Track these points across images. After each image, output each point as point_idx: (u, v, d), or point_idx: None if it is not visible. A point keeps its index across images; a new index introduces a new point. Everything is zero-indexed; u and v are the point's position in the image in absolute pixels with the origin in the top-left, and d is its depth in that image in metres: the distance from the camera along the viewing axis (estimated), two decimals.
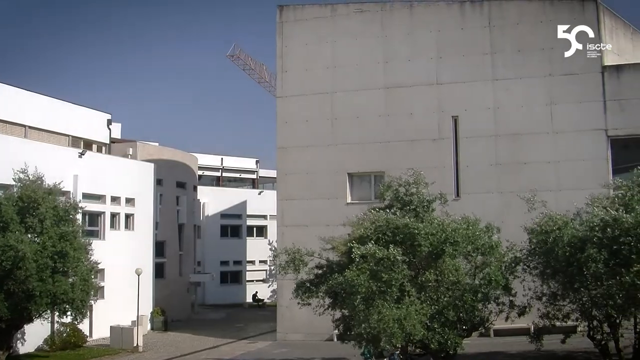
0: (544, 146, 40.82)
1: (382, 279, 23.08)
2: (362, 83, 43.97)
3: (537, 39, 41.87)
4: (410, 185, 27.30)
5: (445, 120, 42.52)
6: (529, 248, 25.92)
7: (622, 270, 21.99)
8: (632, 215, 22.72)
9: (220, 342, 45.35)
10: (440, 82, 42.75)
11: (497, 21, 42.54)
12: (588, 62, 41.05)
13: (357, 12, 44.75)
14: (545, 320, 25.99)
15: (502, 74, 41.93)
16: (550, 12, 42.17)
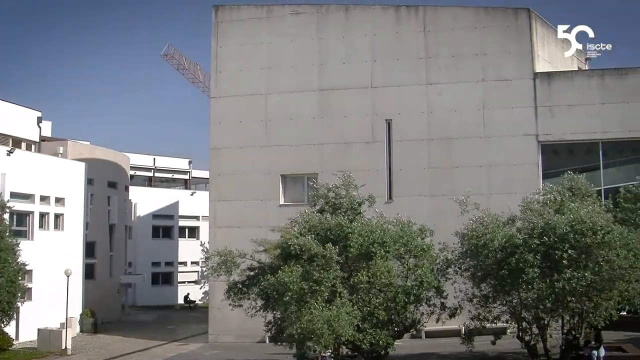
0: (476, 150, 41.36)
1: (313, 277, 23.02)
2: (296, 85, 43.91)
3: (470, 45, 42.44)
4: (339, 189, 27.29)
5: (379, 124, 42.72)
6: (461, 250, 26.15)
7: (553, 274, 22.32)
8: (565, 219, 23.06)
9: (151, 344, 44.81)
10: (374, 85, 42.95)
11: (431, 26, 42.96)
12: (520, 69, 41.76)
13: (293, 14, 44.72)
14: (476, 322, 26.26)
15: (436, 79, 42.34)
16: (484, 18, 42.84)
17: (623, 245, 23.13)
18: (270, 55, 44.64)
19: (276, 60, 44.55)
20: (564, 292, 22.06)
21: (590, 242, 22.12)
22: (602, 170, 41.27)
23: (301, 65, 44.16)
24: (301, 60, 44.20)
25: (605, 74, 42.38)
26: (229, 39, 45.32)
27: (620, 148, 42.47)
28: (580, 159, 42.45)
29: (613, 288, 23.19)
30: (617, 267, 22.59)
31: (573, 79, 43.04)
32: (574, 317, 25.14)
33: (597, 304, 23.31)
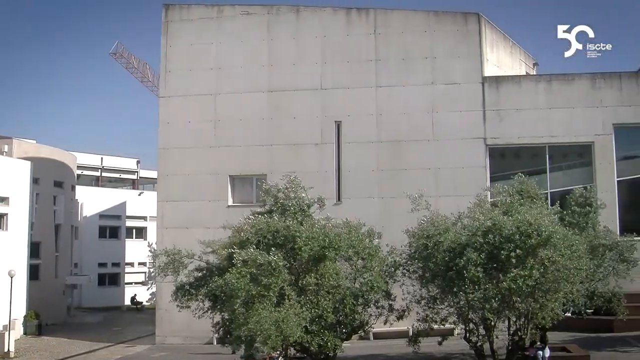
0: (425, 153, 41.62)
1: (261, 282, 22.91)
2: (246, 85, 43.68)
3: (420, 48, 42.71)
4: (288, 190, 27.25)
5: (329, 125, 42.76)
6: (409, 252, 26.24)
7: (499, 275, 22.53)
8: (512, 220, 23.31)
9: (97, 346, 44.26)
10: (324, 87, 42.96)
11: (382, 29, 43.13)
12: (469, 73, 42.15)
13: (244, 15, 44.57)
14: (423, 323, 26.36)
15: (386, 81, 42.50)
16: (434, 22, 43.12)
17: (567, 247, 23.45)
18: (220, 56, 44.42)
19: (226, 60, 44.32)
20: (510, 292, 22.28)
21: (536, 243, 22.34)
22: (548, 174, 41.83)
23: (251, 66, 43.97)
24: (251, 61, 44.03)
25: (552, 79, 42.96)
26: (178, 38, 44.99)
27: (566, 152, 43.16)
28: (527, 163, 42.97)
29: (558, 289, 23.46)
30: (562, 267, 22.89)
31: (521, 83, 43.59)
32: (520, 318, 25.39)
33: (542, 304, 23.56)
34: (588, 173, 42.03)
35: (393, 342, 34.98)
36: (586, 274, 26.33)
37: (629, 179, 42.40)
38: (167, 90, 44.94)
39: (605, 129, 41.72)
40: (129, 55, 78.30)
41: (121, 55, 77.46)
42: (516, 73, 48.30)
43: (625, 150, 42.45)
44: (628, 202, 42.72)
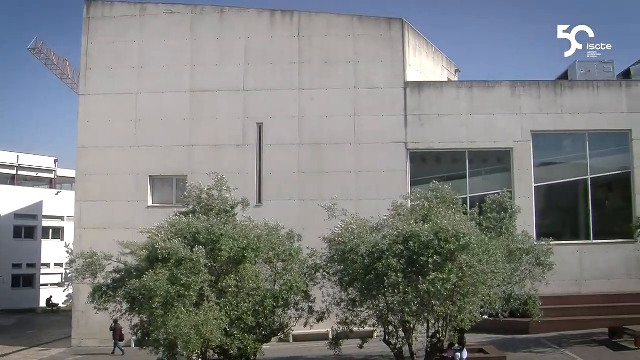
0: (346, 156, 41.82)
1: (181, 281, 22.63)
2: (168, 85, 43.17)
3: (344, 52, 42.90)
4: (212, 190, 27.07)
5: (250, 127, 42.57)
6: (329, 255, 26.24)
7: (418, 279, 22.71)
8: (429, 226, 23.50)
9: (10, 350, 42.97)
10: (247, 88, 42.75)
11: (306, 32, 43.16)
12: (392, 78, 42.52)
13: (167, 13, 44.08)
14: (343, 326, 26.39)
15: (309, 84, 42.55)
16: (358, 27, 43.34)
17: (485, 252, 23.85)
18: (142, 54, 43.80)
19: (148, 59, 43.72)
20: (429, 295, 22.48)
21: (454, 248, 22.58)
22: (468, 178, 42.47)
23: (173, 65, 43.47)
24: (174, 60, 43.52)
25: (473, 86, 43.65)
26: (100, 35, 44.17)
27: (486, 157, 43.87)
28: (448, 167, 43.61)
29: (476, 292, 23.76)
30: (480, 272, 23.22)
31: (442, 89, 44.08)
32: (438, 321, 25.64)
33: (461, 307, 23.80)
34: (507, 178, 42.80)
35: (313, 345, 35.05)
36: (503, 278, 26.73)
37: (545, 184, 43.42)
38: (87, 88, 44.08)
39: (524, 135, 42.61)
40: (48, 51, 76.57)
41: (40, 51, 75.72)
42: (438, 79, 48.93)
43: (542, 156, 43.45)
44: (544, 208, 43.76)
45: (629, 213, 42.28)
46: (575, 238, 43.65)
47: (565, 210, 46.18)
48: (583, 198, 44.16)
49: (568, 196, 45.76)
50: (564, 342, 34.41)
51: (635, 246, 40.23)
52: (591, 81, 44.54)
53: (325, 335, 30.28)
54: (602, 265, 42.23)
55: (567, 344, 33.91)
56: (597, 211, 43.78)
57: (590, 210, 43.44)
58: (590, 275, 42.17)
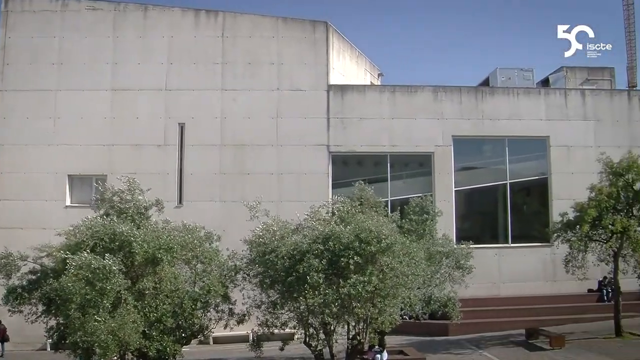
0: (268, 158, 41.72)
1: (96, 287, 22.18)
2: (88, 83, 42.25)
3: (268, 53, 42.77)
4: (125, 193, 26.62)
5: (172, 127, 42.07)
6: (250, 257, 26.04)
7: (339, 281, 22.70)
8: (350, 229, 23.51)
9: None
10: (169, 88, 42.24)
11: (230, 32, 42.89)
12: (315, 80, 42.58)
13: (89, 10, 43.22)
14: (264, 328, 26.22)
15: (232, 85, 42.28)
16: (282, 28, 43.28)
17: (406, 254, 23.97)
18: (62, 51, 42.85)
19: (68, 56, 42.79)
20: (349, 297, 22.48)
21: (375, 250, 22.63)
22: (389, 182, 42.79)
23: (95, 63, 42.63)
24: (95, 57, 42.68)
25: (396, 90, 43.99)
26: (19, 30, 43.04)
27: (407, 161, 44.34)
28: (369, 171, 43.87)
29: (396, 294, 23.88)
30: (400, 274, 23.32)
31: (365, 92, 44.31)
32: (359, 323, 25.63)
33: (381, 309, 23.85)
34: (428, 182, 43.29)
35: (233, 347, 34.87)
36: (423, 280, 27.02)
37: (465, 189, 44.12)
38: (5, 83, 42.85)
39: (445, 140, 43.18)
40: None
41: None
42: (361, 82, 49.22)
43: (463, 161, 44.13)
44: (464, 211, 44.46)
45: (546, 217, 43.16)
46: (494, 241, 44.43)
47: (484, 214, 46.99)
48: (502, 202, 44.98)
49: (487, 200, 46.59)
50: (482, 344, 34.96)
51: (552, 250, 40.99)
52: (511, 88, 45.49)
53: (245, 338, 30.06)
54: (519, 268, 43.10)
55: (485, 345, 34.47)
56: (516, 215, 44.67)
57: (508, 215, 44.29)
58: (508, 278, 42.98)
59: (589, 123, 45.24)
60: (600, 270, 39.46)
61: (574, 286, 39.37)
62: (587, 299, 42.12)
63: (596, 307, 41.14)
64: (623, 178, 34.60)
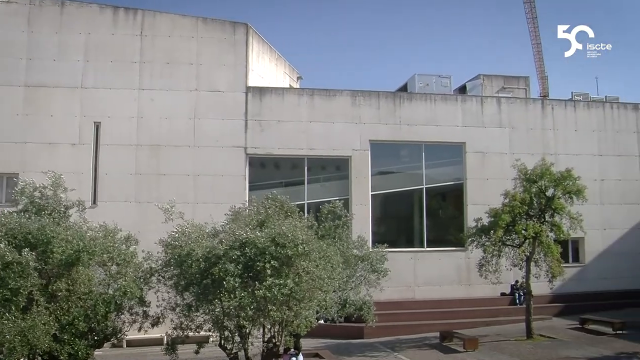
0: (185, 159, 41.25)
1: (9, 286, 21.59)
2: (1, 78, 41.03)
3: (186, 54, 42.31)
4: (46, 189, 26.04)
5: (87, 126, 41.11)
6: (165, 259, 25.69)
7: (255, 284, 22.55)
8: (266, 233, 23.37)
9: None
10: (85, 86, 41.32)
11: (149, 31, 42.29)
12: (234, 82, 42.35)
13: (3, 3, 42.14)
14: (179, 331, 25.89)
15: (149, 84, 41.68)
16: (202, 29, 42.88)
17: (322, 257, 23.98)
18: None
19: None
20: (265, 300, 22.35)
21: (292, 253, 22.56)
22: (306, 185, 42.83)
23: (8, 58, 41.33)
24: (8, 53, 41.35)
25: (314, 93, 44.02)
26: None
27: (325, 165, 44.43)
28: (286, 173, 43.98)
29: (312, 298, 23.82)
30: (317, 277, 23.29)
31: (284, 95, 44.18)
32: (274, 326, 25.54)
33: (297, 312, 23.77)
34: (345, 186, 43.50)
35: (147, 350, 34.38)
36: (339, 284, 27.02)
37: (382, 193, 44.46)
38: None
39: (362, 144, 43.45)
40: None
41: None
42: (280, 85, 49.14)
43: (380, 165, 44.48)
44: (381, 215, 44.79)
45: (461, 222, 44.00)
46: (409, 245, 44.96)
47: (400, 218, 47.48)
48: (418, 207, 45.52)
49: (404, 205, 47.08)
50: (397, 346, 35.29)
51: (466, 254, 41.59)
52: (429, 94, 46.09)
53: (160, 340, 29.67)
54: (434, 271, 43.74)
55: (400, 348, 34.81)
56: (431, 220, 45.26)
57: (424, 219, 44.86)
58: (423, 282, 43.50)
59: (504, 130, 46.22)
60: (512, 274, 40.46)
61: (488, 290, 40.27)
62: (500, 302, 43.02)
63: (509, 310, 42.14)
64: (536, 185, 35.45)
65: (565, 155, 45.68)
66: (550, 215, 35.68)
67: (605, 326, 37.57)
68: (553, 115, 47.72)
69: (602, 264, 46.96)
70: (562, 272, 35.31)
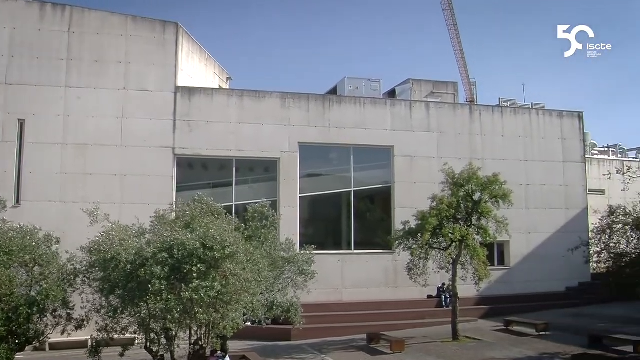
0: (112, 159, 40.59)
1: None
2: None
3: (115, 52, 41.68)
4: None
5: (11, 123, 40.07)
6: (90, 261, 25.29)
7: (181, 286, 22.37)
8: (195, 235, 23.20)
9: None
10: (9, 82, 40.29)
11: (77, 28, 41.52)
12: (163, 81, 41.93)
13: None
14: (103, 333, 25.53)
15: (77, 82, 40.91)
16: (131, 27, 42.29)
17: (249, 260, 23.95)
18: None
19: None
20: (191, 302, 22.20)
21: (219, 256, 22.46)
22: (234, 186, 42.65)
23: None
24: None
25: (244, 95, 43.85)
26: None
27: (253, 166, 44.33)
28: (215, 175, 43.72)
29: (239, 300, 23.76)
30: (244, 279, 23.22)
31: (213, 96, 43.89)
32: (201, 328, 25.40)
33: (224, 315, 23.68)
34: (273, 188, 43.44)
35: (70, 353, 33.84)
36: (266, 286, 27.03)
37: (311, 195, 44.51)
38: None
39: (291, 146, 43.47)
40: None
41: None
42: (210, 86, 48.83)
43: (309, 167, 44.57)
44: (309, 218, 44.86)
45: (389, 225, 44.33)
46: (337, 248, 45.16)
47: (328, 220, 47.64)
48: (346, 210, 45.73)
49: (332, 207, 47.26)
50: (325, 348, 35.30)
51: (394, 257, 41.94)
52: (358, 98, 46.34)
53: (84, 343, 29.14)
54: (362, 274, 43.98)
55: (327, 350, 34.83)
56: (359, 223, 45.53)
57: (352, 222, 45.08)
58: (351, 284, 43.70)
59: (432, 135, 46.73)
60: (440, 277, 40.90)
61: (415, 292, 40.71)
62: (427, 304, 43.48)
63: (435, 312, 42.64)
64: (464, 189, 35.92)
65: (492, 160, 46.44)
66: (477, 218, 36.14)
67: (529, 327, 38.21)
68: (481, 121, 48.44)
69: (526, 267, 47.90)
70: (488, 274, 35.75)
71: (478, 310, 43.91)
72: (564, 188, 50.12)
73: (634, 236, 46.75)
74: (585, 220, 49.20)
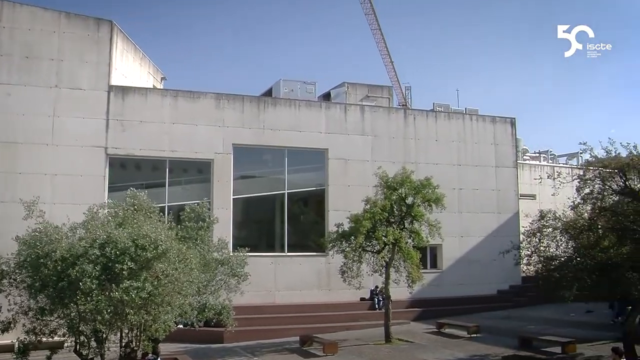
0: (43, 158, 39.74)
1: None
2: None
3: (47, 49, 40.86)
4: None
5: None
6: (18, 260, 24.80)
7: (112, 286, 22.08)
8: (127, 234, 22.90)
9: None
10: None
11: (7, 23, 40.58)
12: (96, 80, 41.32)
13: None
14: (31, 336, 25.03)
15: (6, 79, 39.97)
16: (64, 24, 41.47)
17: (181, 261, 23.73)
18: None
19: None
20: (122, 303, 21.91)
21: (151, 256, 22.23)
22: (167, 187, 42.26)
23: None
24: None
25: (178, 95, 43.47)
26: None
27: (187, 167, 44.01)
28: (148, 175, 43.24)
29: (171, 302, 23.57)
30: (176, 281, 23.03)
31: (147, 95, 43.40)
32: (132, 330, 25.13)
33: (155, 316, 23.46)
34: (206, 189, 43.19)
35: None
36: (198, 287, 26.84)
37: (243, 197, 44.35)
38: None
39: (225, 147, 43.25)
40: None
41: None
42: (144, 85, 48.32)
43: (243, 169, 44.44)
44: (242, 219, 44.74)
45: (322, 228, 44.44)
46: (270, 250, 45.09)
47: (262, 222, 47.58)
48: (279, 212, 45.71)
49: (265, 209, 47.17)
50: (257, 351, 35.23)
51: (327, 259, 42.05)
52: (293, 100, 46.36)
53: (10, 347, 28.63)
54: (295, 276, 44.00)
55: (260, 352, 34.76)
56: (293, 225, 45.58)
57: (285, 224, 45.08)
58: (284, 286, 43.68)
59: (366, 138, 46.99)
60: (373, 280, 41.10)
61: (348, 295, 40.90)
62: (360, 306, 43.74)
63: (368, 314, 42.90)
64: (397, 192, 36.22)
65: (425, 164, 46.92)
66: (410, 222, 36.47)
67: (461, 330, 38.78)
68: (415, 125, 48.85)
69: (458, 270, 48.47)
70: (421, 277, 36.09)
71: (411, 312, 44.34)
72: (496, 192, 50.87)
73: (563, 240, 47.55)
74: (517, 224, 49.87)
